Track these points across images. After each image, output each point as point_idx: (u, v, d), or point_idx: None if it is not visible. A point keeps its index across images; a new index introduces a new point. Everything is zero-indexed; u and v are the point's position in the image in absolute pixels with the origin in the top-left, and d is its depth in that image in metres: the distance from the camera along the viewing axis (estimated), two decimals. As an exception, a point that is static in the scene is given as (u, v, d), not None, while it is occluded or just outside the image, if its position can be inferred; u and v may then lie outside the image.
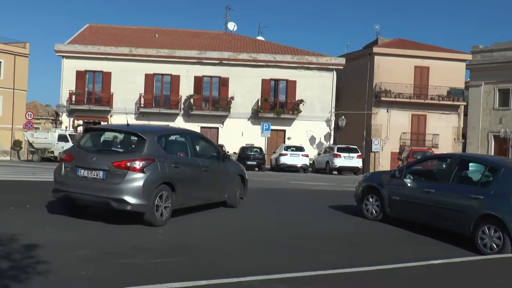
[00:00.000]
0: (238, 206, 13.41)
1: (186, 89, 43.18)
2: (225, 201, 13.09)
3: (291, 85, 44.10)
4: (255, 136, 41.13)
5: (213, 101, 43.57)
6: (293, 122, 43.95)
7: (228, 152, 38.05)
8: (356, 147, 38.11)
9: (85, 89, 42.89)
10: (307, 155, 37.47)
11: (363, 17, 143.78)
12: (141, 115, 42.65)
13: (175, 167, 10.86)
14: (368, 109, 46.24)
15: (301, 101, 43.50)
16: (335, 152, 36.59)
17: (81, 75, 42.69)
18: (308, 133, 43.76)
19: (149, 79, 43.06)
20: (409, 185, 12.08)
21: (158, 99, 43.32)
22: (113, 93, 42.42)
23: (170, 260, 7.91)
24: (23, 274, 6.51)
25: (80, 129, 42.20)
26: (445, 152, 40.44)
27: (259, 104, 43.52)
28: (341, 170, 36.59)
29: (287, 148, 37.67)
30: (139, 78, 42.77)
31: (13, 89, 57.33)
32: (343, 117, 44.57)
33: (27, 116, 42.33)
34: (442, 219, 11.23)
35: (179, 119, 42.63)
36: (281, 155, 36.91)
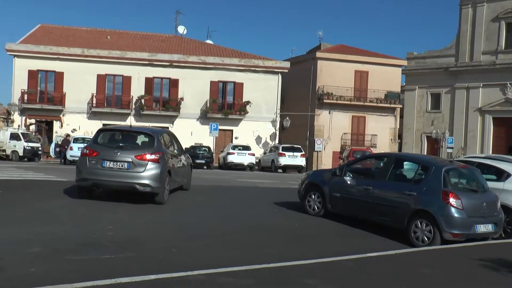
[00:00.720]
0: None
1: (137, 90, 42.66)
2: (181, 186, 15.30)
3: (238, 87, 44.16)
4: (204, 135, 40.99)
5: (163, 102, 43.20)
6: (240, 122, 44.02)
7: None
8: (300, 146, 38.44)
9: (37, 88, 41.73)
10: (253, 154, 37.61)
11: (307, 24, 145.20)
12: (93, 115, 41.90)
13: (170, 159, 13.54)
14: (311, 110, 46.68)
15: (248, 103, 43.59)
16: (280, 151, 36.82)
17: (33, 75, 41.55)
18: (254, 133, 43.91)
19: (101, 79, 42.33)
20: (348, 182, 12.25)
21: (110, 99, 42.62)
22: (65, 93, 41.49)
23: (120, 255, 7.86)
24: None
25: (32, 128, 41.12)
26: (382, 151, 41.24)
27: (208, 105, 43.40)
28: (286, 168, 36.82)
29: (235, 147, 37.71)
30: (92, 78, 41.98)
31: (-36, 87, 55.35)
32: (287, 118, 44.89)
33: (-22, 114, 41.03)
34: (379, 214, 11.44)
35: (131, 119, 42.09)
36: (229, 154, 36.92)
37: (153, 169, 12.48)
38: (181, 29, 52.48)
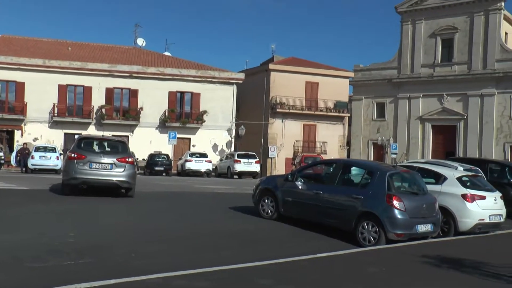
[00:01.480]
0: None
1: (98, 100, 41.95)
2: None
3: (195, 97, 43.97)
4: (163, 144, 40.62)
5: (123, 111, 42.59)
6: (198, 131, 43.81)
7: (138, 158, 37.41)
8: (254, 153, 38.49)
9: (-2, 98, 40.56)
10: (210, 161, 37.46)
11: (260, 37, 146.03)
12: (54, 124, 40.92)
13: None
14: (265, 119, 46.85)
15: (205, 112, 43.45)
16: (236, 158, 36.78)
17: (-6, 85, 40.36)
18: (211, 141, 43.76)
19: (63, 89, 41.44)
20: (300, 187, 12.33)
21: (71, 109, 41.74)
22: (26, 103, 40.43)
23: (81, 261, 7.72)
24: None
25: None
26: (332, 157, 41.71)
27: (166, 114, 43.04)
28: (241, 174, 36.78)
29: (192, 154, 37.47)
30: (53, 88, 41.04)
31: None
32: (242, 127, 44.94)
33: None
34: (328, 217, 11.52)
35: (92, 128, 41.38)
36: (187, 161, 36.66)
37: (130, 169, 15.02)
38: (140, 41, 51.95)
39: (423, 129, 50.62)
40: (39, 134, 40.46)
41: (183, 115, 43.67)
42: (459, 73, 48.53)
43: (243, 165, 36.51)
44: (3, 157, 34.83)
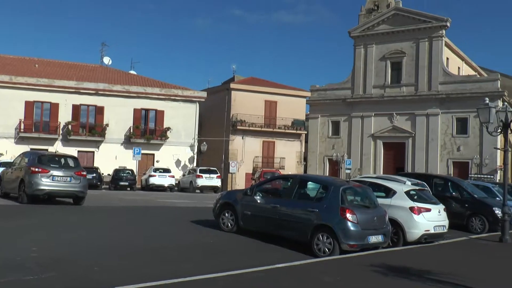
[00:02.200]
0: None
1: (65, 116, 41.11)
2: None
3: (159, 114, 43.64)
4: (128, 159, 40.10)
5: (89, 128, 41.85)
6: (161, 147, 43.42)
7: (103, 174, 36.80)
8: (215, 169, 38.39)
9: (-37, 113, 39.26)
10: (173, 176, 37.20)
11: (222, 57, 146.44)
12: (21, 140, 39.84)
13: None
14: (226, 136, 46.81)
15: (168, 129, 43.14)
16: (198, 173, 36.62)
17: (-40, 101, 39.09)
18: (174, 157, 43.39)
19: (29, 106, 40.47)
20: (258, 201, 12.28)
21: (38, 125, 40.73)
22: (-8, 119, 39.30)
23: (43, 276, 7.46)
24: None
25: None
26: (290, 172, 41.95)
27: (131, 130, 42.52)
28: (203, 189, 36.61)
29: (156, 170, 37.12)
30: (20, 104, 40.03)
31: None
32: (204, 143, 44.78)
33: None
34: (286, 229, 11.52)
35: (58, 144, 40.48)
36: (151, 176, 36.31)
37: (84, 181, 17.05)
38: (107, 60, 51.34)
39: (375, 146, 51.50)
40: (5, 149, 39.29)
41: (148, 131, 43.24)
42: (407, 94, 49.75)
43: (204, 180, 36.38)
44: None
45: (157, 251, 10.14)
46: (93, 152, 41.30)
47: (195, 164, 43.39)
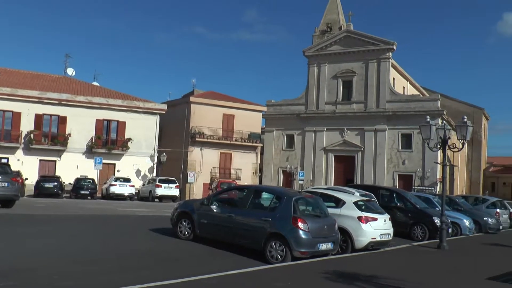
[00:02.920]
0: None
1: (27, 125, 39.98)
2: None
3: (121, 125, 43.03)
4: (89, 168, 39.32)
5: (52, 137, 40.81)
6: (122, 157, 42.77)
7: (64, 183, 35.91)
8: (174, 179, 38.08)
9: None
10: (133, 186, 36.66)
11: (182, 71, 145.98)
12: (-19, 147, 38.58)
13: None
14: (185, 147, 46.52)
15: (129, 139, 42.57)
16: (157, 183, 36.22)
17: None
18: (134, 167, 42.81)
19: (-10, 114, 39.25)
20: (214, 210, 12.31)
21: (-1, 133, 39.57)
22: (-47, 127, 37.89)
23: (2, 285, 7.25)
24: None
25: None
26: (246, 183, 42.04)
27: (93, 140, 41.74)
28: (162, 198, 36.21)
29: (116, 179, 36.49)
30: (-20, 113, 38.80)
31: None
32: (164, 154, 44.41)
33: None
34: (240, 237, 11.58)
35: (19, 152, 39.30)
36: (111, 185, 35.67)
37: (17, 186, 18.96)
38: (70, 71, 50.24)
39: (327, 158, 52.25)
40: (-35, 157, 37.95)
41: (109, 141, 42.55)
42: (357, 110, 50.81)
43: (163, 190, 36.01)
44: None
45: (116, 258, 10.02)
46: (55, 161, 40.30)
47: (154, 174, 42.92)
